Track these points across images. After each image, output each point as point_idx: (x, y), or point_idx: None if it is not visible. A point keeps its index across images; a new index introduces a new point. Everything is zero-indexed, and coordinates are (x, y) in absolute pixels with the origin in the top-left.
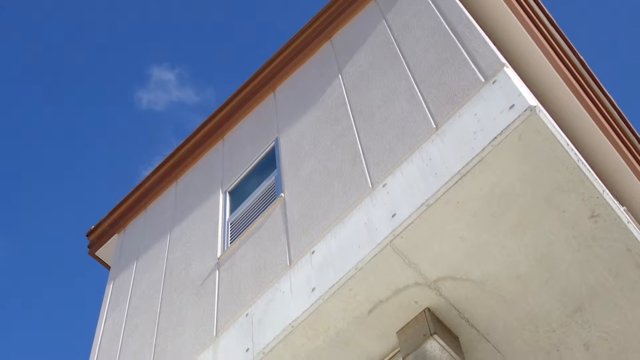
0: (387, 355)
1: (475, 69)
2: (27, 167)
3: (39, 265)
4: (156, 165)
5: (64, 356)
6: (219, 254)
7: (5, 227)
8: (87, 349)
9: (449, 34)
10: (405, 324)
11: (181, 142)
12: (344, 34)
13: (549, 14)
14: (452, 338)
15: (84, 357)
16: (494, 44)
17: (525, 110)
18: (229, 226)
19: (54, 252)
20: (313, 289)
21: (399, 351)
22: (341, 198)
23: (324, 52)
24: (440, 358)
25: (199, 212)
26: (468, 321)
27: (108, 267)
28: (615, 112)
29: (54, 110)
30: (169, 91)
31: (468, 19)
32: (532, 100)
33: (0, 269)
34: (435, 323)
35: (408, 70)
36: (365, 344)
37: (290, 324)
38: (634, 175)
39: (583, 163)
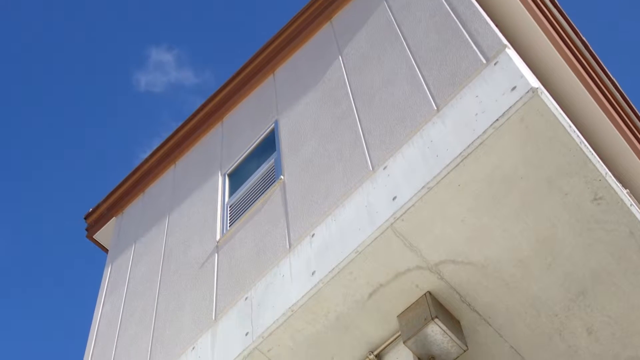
0: (388, 339)
1: (477, 50)
2: (23, 150)
3: (37, 249)
4: (154, 147)
5: (62, 340)
6: (218, 237)
7: (2, 212)
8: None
9: (450, 14)
10: (406, 307)
11: (180, 124)
12: (344, 15)
13: None
14: (453, 322)
15: (82, 341)
16: (496, 25)
17: (527, 92)
18: (228, 209)
19: (51, 236)
20: (313, 273)
21: (399, 335)
22: (341, 181)
23: (324, 34)
24: (441, 342)
25: (198, 195)
26: (469, 305)
27: (106, 251)
28: (618, 94)
29: (51, 93)
30: (167, 73)
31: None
32: (534, 82)
33: None
34: (436, 307)
35: (409, 52)
36: (365, 328)
37: (290, 307)
38: (636, 158)
39: (585, 145)
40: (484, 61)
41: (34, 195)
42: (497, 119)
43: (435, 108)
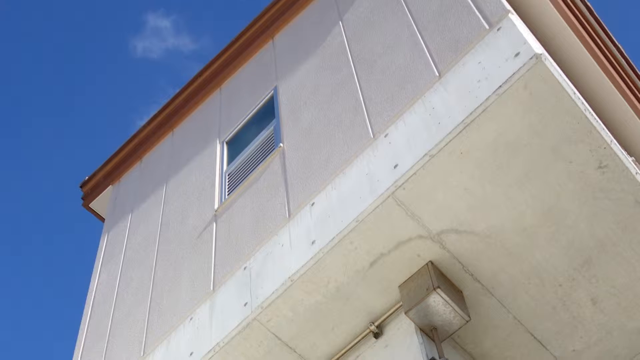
0: (389, 310)
1: (480, 16)
2: (17, 118)
3: (32, 218)
4: (152, 114)
5: (57, 310)
6: (216, 206)
7: None
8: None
9: None
10: (407, 277)
11: (177, 91)
12: None
13: None
14: (455, 292)
15: (78, 311)
16: None
17: (531, 58)
18: (227, 177)
19: (46, 204)
20: (313, 242)
21: (401, 306)
22: (342, 148)
23: None
24: (443, 313)
25: (196, 163)
26: (472, 275)
27: (102, 220)
28: (623, 61)
29: (46, 59)
30: (164, 39)
31: None
32: (537, 48)
33: None
34: (438, 277)
35: (410, 17)
36: (366, 299)
37: (289, 277)
38: None
39: (590, 112)
40: (487, 27)
41: (29, 164)
42: (500, 86)
43: (437, 74)
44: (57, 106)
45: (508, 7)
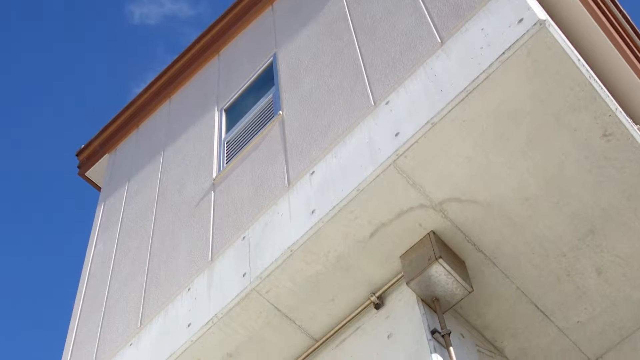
0: (390, 280)
1: None
2: (12, 85)
3: (26, 187)
4: (149, 81)
5: (53, 281)
6: (214, 174)
7: None
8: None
9: None
10: (409, 247)
11: (175, 57)
12: None
13: None
14: (458, 262)
15: (74, 281)
16: None
17: (535, 25)
18: (225, 145)
19: (42, 173)
20: (313, 211)
21: (402, 276)
22: (342, 116)
23: None
24: (445, 283)
25: (194, 131)
26: (475, 245)
27: (98, 188)
28: (629, 27)
29: (41, 26)
30: (162, 4)
31: None
32: (541, 14)
33: None
34: (440, 247)
35: None
36: (367, 269)
37: (289, 247)
38: None
39: (595, 80)
40: None
41: (23, 132)
42: (503, 53)
43: (440, 41)
44: (53, 73)
45: None
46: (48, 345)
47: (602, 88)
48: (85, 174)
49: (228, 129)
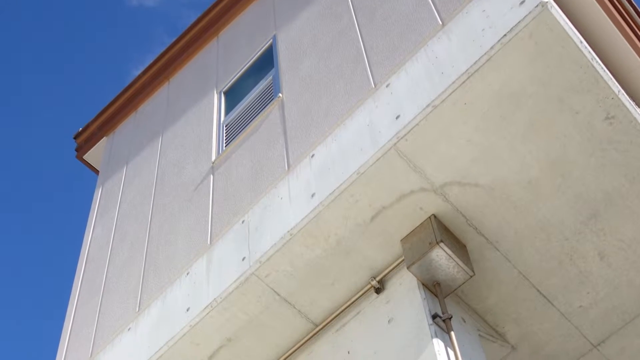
0: (391, 264)
1: None
2: (10, 67)
3: (24, 170)
4: (147, 64)
5: (51, 264)
6: (213, 157)
7: None
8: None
9: None
10: (409, 231)
11: (174, 39)
12: None
13: None
14: (459, 246)
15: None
16: None
17: (537, 6)
18: (224, 128)
19: (39, 156)
20: (312, 195)
21: (403, 260)
22: (342, 99)
23: None
24: (446, 267)
25: (193, 114)
26: (476, 229)
27: (97, 172)
28: (631, 9)
29: (38, 8)
30: None
31: None
32: None
33: None
34: (441, 230)
35: None
36: (367, 253)
37: (288, 231)
38: None
39: (597, 62)
40: None
41: (21, 114)
42: (504, 35)
43: (441, 23)
44: (51, 56)
45: None
46: (45, 330)
47: (604, 70)
48: (83, 157)
49: (227, 111)
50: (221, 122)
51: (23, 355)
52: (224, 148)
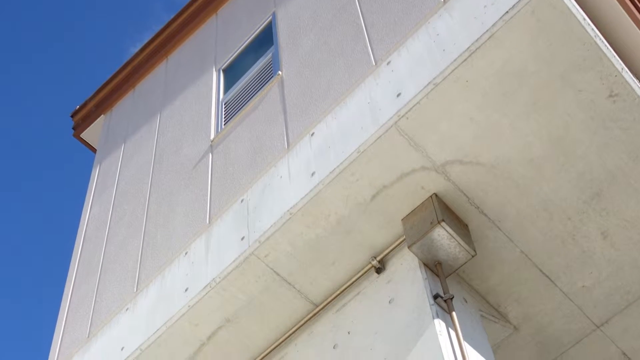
0: (392, 244)
1: None
2: (5, 44)
3: (20, 148)
4: (145, 41)
5: (47, 244)
6: (212, 136)
7: None
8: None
9: None
10: (410, 210)
11: (172, 16)
12: None
13: None
14: (460, 226)
15: (69, 245)
16: None
17: None
18: (223, 106)
19: (36, 135)
20: (312, 174)
21: (404, 240)
22: (342, 76)
23: None
24: (448, 247)
25: (191, 92)
26: (478, 208)
27: (94, 150)
28: None
29: None
30: None
31: None
32: None
33: None
34: (443, 210)
35: None
36: (368, 233)
37: (288, 210)
38: None
39: (601, 39)
40: None
41: (17, 92)
42: (507, 11)
43: (442, 0)
44: (47, 32)
45: None
46: (43, 310)
47: (608, 48)
48: (81, 136)
49: (226, 89)
50: (220, 100)
51: (20, 335)
52: (222, 126)
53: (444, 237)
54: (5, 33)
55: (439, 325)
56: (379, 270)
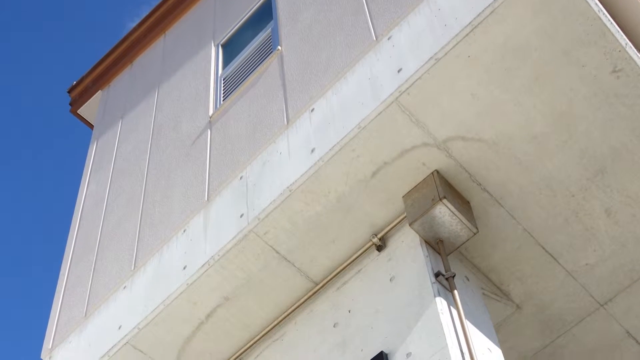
0: (392, 221)
1: None
2: (1, 19)
3: (17, 125)
4: (143, 16)
5: (44, 223)
6: (210, 112)
7: None
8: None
9: None
10: (412, 187)
11: None
12: None
13: None
14: (462, 202)
15: (66, 222)
16: None
17: None
18: (222, 82)
19: (32, 110)
20: (312, 150)
21: (405, 217)
22: (343, 51)
23: None
24: (449, 224)
25: (189, 67)
26: (480, 185)
27: (91, 126)
28: None
29: None
30: None
31: None
32: None
33: None
34: (444, 186)
35: None
36: (368, 210)
37: (288, 187)
38: None
39: (604, 13)
40: None
41: (13, 67)
42: None
43: None
44: (43, 7)
45: None
46: (40, 288)
47: (611, 23)
48: (77, 112)
49: (225, 64)
50: (219, 75)
51: (16, 314)
52: (221, 102)
53: (445, 214)
54: (1, 8)
55: (441, 303)
56: (379, 248)
